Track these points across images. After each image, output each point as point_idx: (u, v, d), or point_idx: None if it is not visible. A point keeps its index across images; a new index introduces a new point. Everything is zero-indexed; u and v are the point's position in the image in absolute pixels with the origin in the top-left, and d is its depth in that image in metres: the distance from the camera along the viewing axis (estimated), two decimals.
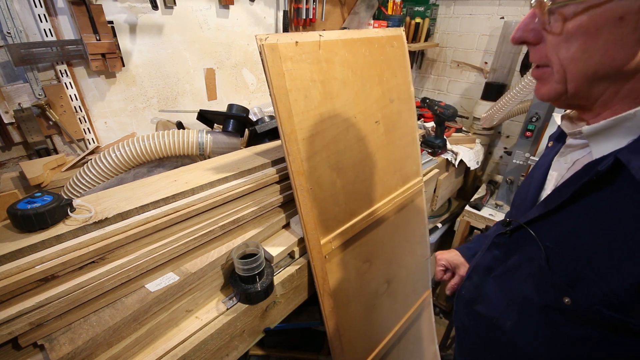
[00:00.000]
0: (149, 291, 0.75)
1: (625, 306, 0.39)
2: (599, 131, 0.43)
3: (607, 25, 0.37)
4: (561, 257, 0.45)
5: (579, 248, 0.43)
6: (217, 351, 0.82)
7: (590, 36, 0.38)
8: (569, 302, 0.43)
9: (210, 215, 0.85)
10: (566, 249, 0.44)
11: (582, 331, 0.44)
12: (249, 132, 1.33)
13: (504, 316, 0.54)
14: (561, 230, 0.46)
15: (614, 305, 0.40)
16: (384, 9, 2.04)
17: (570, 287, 0.43)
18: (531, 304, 0.49)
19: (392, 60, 1.14)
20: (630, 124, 0.40)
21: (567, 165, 0.52)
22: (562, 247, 0.45)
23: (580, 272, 0.42)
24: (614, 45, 0.37)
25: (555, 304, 0.45)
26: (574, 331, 0.45)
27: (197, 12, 1.41)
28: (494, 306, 0.56)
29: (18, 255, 0.62)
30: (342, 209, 1.00)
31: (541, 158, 0.61)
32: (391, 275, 1.27)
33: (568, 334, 0.46)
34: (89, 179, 1.00)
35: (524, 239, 0.52)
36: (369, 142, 1.07)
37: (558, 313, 0.46)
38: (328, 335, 1.03)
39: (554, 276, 0.45)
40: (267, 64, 0.79)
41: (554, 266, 0.45)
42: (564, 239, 0.45)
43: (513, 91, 1.66)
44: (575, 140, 0.50)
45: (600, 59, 0.38)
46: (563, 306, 0.44)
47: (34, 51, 1.04)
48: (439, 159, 1.76)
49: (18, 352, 0.63)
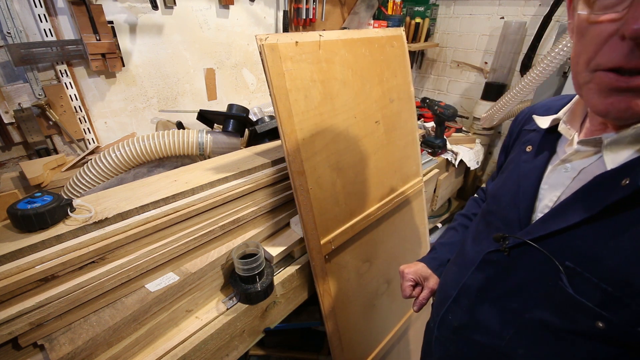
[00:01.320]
0: (149, 291, 0.75)
1: None
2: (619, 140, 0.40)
3: None
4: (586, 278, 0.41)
5: (608, 268, 0.39)
6: (217, 351, 0.82)
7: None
8: (603, 327, 0.40)
9: (210, 215, 0.85)
10: (591, 269, 0.40)
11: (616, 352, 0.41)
12: (249, 132, 1.33)
13: (512, 344, 0.49)
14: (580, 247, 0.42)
15: None
16: (384, 9, 2.05)
17: (603, 310, 0.39)
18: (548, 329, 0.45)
19: (392, 60, 1.14)
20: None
21: (571, 174, 0.47)
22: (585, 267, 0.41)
23: (611, 293, 0.39)
24: None
25: (583, 328, 0.41)
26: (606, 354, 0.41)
27: (197, 12, 1.41)
28: (496, 333, 0.51)
29: (18, 255, 0.62)
30: (342, 209, 1.00)
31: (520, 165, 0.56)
32: (391, 275, 1.27)
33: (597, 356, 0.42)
34: (89, 179, 1.00)
35: (528, 256, 0.47)
36: (369, 142, 1.07)
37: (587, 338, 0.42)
38: (328, 335, 1.03)
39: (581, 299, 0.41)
40: (267, 64, 0.79)
41: (579, 288, 0.41)
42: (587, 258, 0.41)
43: (513, 91, 1.66)
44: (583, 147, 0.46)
45: None
46: (596, 331, 0.40)
47: (34, 51, 1.04)
48: (439, 159, 1.76)
49: (18, 352, 0.63)
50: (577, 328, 0.42)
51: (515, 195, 0.53)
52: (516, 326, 0.48)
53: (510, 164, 0.61)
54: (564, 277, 0.42)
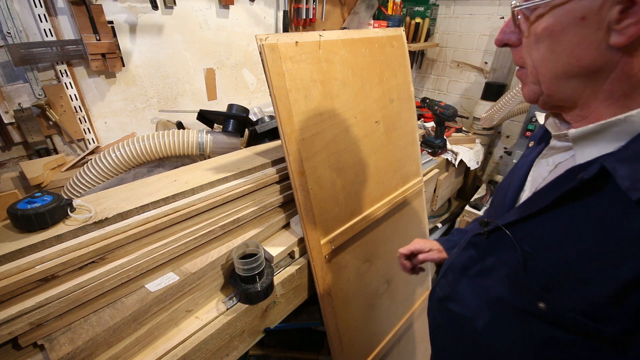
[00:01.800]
0: (149, 291, 0.75)
1: (599, 315, 0.39)
2: (586, 135, 0.42)
3: (571, 26, 0.38)
4: (538, 262, 0.44)
5: (556, 255, 0.43)
6: (217, 351, 0.82)
7: (556, 37, 0.39)
8: (543, 307, 0.44)
9: (210, 215, 0.85)
10: (544, 255, 0.44)
11: (555, 335, 0.44)
12: (249, 132, 1.33)
13: (477, 315, 0.54)
14: (540, 235, 0.45)
15: (588, 313, 0.40)
16: (384, 9, 2.05)
17: (546, 292, 0.43)
18: (505, 305, 0.49)
19: (392, 60, 1.14)
20: (618, 129, 0.39)
21: (549, 168, 0.51)
22: (540, 252, 0.45)
23: (555, 278, 0.42)
24: (578, 45, 0.38)
25: (529, 307, 0.45)
26: (546, 334, 0.45)
27: (197, 12, 1.41)
28: (468, 305, 0.56)
29: (18, 255, 0.62)
30: (342, 209, 1.00)
31: (521, 159, 0.60)
32: (391, 275, 1.27)
33: (541, 337, 0.46)
34: (89, 179, 1.00)
35: (502, 241, 0.51)
36: (369, 142, 1.07)
37: (532, 316, 0.46)
38: (328, 335, 1.03)
39: (529, 280, 0.45)
40: (267, 64, 0.79)
41: (531, 271, 0.45)
42: (542, 244, 0.45)
43: (513, 91, 1.66)
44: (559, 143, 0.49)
45: (567, 59, 0.39)
46: (537, 310, 0.44)
47: (34, 51, 1.04)
48: (439, 159, 1.76)
49: (18, 352, 0.63)
50: (524, 307, 0.46)
51: (507, 187, 0.58)
52: (482, 300, 0.54)
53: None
54: (521, 260, 0.46)
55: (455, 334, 0.60)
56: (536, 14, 0.40)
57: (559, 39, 0.39)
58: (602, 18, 0.35)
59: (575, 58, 0.39)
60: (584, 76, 0.39)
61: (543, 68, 0.42)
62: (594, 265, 0.39)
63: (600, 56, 0.37)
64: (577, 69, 0.39)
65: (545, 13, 0.39)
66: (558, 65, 0.40)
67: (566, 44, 0.39)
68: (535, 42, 0.41)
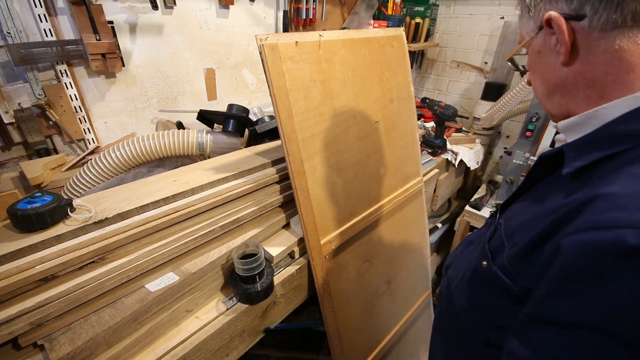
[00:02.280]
0: (149, 291, 0.75)
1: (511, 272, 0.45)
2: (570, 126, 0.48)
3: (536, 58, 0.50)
4: (499, 231, 0.52)
5: (510, 224, 0.51)
6: (217, 351, 0.82)
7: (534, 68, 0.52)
8: (485, 265, 0.51)
9: (210, 215, 0.85)
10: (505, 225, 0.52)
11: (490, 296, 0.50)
12: (249, 132, 1.33)
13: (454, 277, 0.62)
14: (512, 210, 0.55)
15: (505, 269, 0.46)
16: (384, 9, 2.04)
17: (492, 254, 0.50)
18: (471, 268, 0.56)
19: (392, 60, 1.14)
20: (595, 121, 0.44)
21: None
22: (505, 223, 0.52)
23: (502, 242, 0.49)
24: (545, 70, 0.49)
25: (478, 266, 0.53)
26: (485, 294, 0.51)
27: (197, 12, 1.41)
28: (457, 270, 0.63)
29: (18, 255, 0.62)
30: (342, 209, 1.00)
31: None
32: (391, 275, 1.27)
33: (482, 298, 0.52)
34: (89, 179, 1.00)
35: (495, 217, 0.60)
36: (369, 142, 1.07)
37: (478, 276, 0.53)
38: (328, 335, 1.03)
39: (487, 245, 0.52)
40: (267, 64, 0.79)
41: (493, 238, 0.53)
42: (509, 217, 0.53)
43: (513, 91, 1.66)
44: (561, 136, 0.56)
45: (542, 81, 0.51)
46: (482, 269, 0.51)
47: (34, 51, 1.04)
48: (439, 159, 1.76)
49: (18, 352, 0.63)
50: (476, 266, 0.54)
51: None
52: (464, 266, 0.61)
53: None
54: (492, 230, 0.54)
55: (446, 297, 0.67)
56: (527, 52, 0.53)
57: (535, 69, 0.51)
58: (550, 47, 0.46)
59: (546, 80, 0.49)
60: (559, 92, 0.48)
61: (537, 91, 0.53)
62: (524, 230, 0.46)
63: (561, 74, 0.46)
64: (552, 87, 0.49)
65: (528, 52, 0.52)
66: (541, 87, 0.51)
67: (539, 72, 0.50)
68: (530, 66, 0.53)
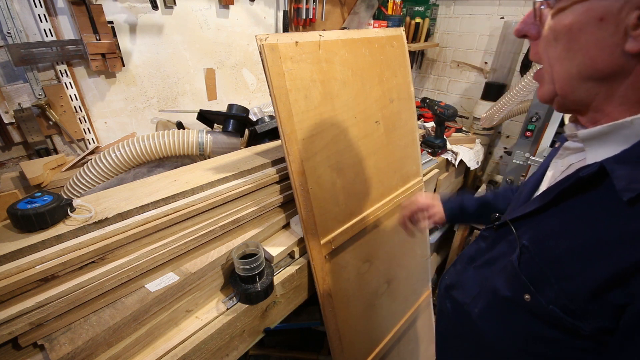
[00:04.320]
0: (149, 291, 0.75)
1: (577, 311, 0.40)
2: (595, 136, 0.42)
3: (589, 26, 0.37)
4: (532, 255, 0.46)
5: (548, 249, 0.44)
6: (217, 351, 0.82)
7: (573, 35, 0.38)
8: (528, 299, 0.45)
9: (210, 215, 0.85)
10: (537, 249, 0.46)
11: (538, 329, 0.45)
12: (249, 132, 1.32)
13: (473, 303, 0.56)
14: (539, 230, 0.47)
15: (567, 308, 0.41)
16: (384, 9, 2.04)
17: (532, 285, 0.45)
18: (497, 295, 0.51)
19: (392, 60, 1.14)
20: (627, 132, 0.39)
21: (562, 169, 0.52)
22: (535, 246, 0.46)
23: (544, 272, 0.44)
24: (594, 46, 0.37)
25: (516, 298, 0.47)
26: (530, 328, 0.46)
27: (197, 12, 1.41)
28: (468, 293, 0.58)
29: (18, 255, 0.62)
30: (342, 209, 1.00)
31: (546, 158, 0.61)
32: (391, 276, 1.27)
33: (525, 331, 0.47)
34: (89, 179, 1.00)
35: (507, 235, 0.54)
36: (369, 142, 1.07)
37: (518, 308, 0.47)
38: (328, 335, 1.03)
39: (521, 273, 0.47)
40: (267, 64, 0.79)
41: (523, 263, 0.47)
42: (539, 239, 0.46)
43: (513, 91, 1.66)
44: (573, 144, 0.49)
45: (582, 59, 0.39)
46: (523, 302, 0.46)
47: (34, 51, 1.04)
48: (439, 159, 1.76)
49: (18, 352, 0.63)
50: (512, 297, 0.48)
51: (525, 185, 0.61)
52: (480, 289, 0.56)
53: None
54: (517, 253, 0.48)
55: (455, 321, 0.63)
56: (558, 7, 0.40)
57: (577, 37, 0.38)
58: (620, 22, 0.35)
59: (590, 59, 0.38)
60: (599, 79, 0.39)
61: (558, 66, 0.41)
62: (579, 261, 0.40)
63: (615, 61, 0.36)
64: (592, 70, 0.39)
65: (566, 7, 0.39)
66: (573, 64, 0.40)
67: (583, 44, 0.38)
68: (554, 39, 0.41)
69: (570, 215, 0.43)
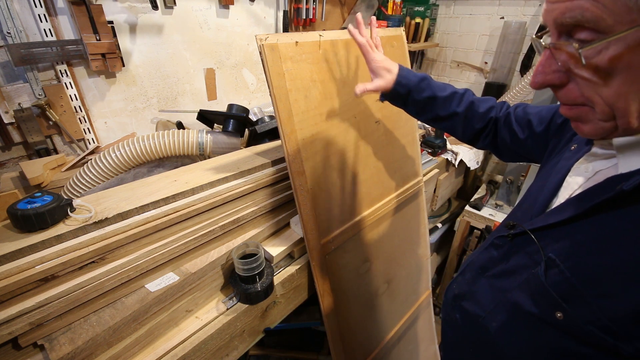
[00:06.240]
0: (149, 291, 0.75)
1: (619, 332, 0.38)
2: (632, 144, 0.40)
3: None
4: (561, 270, 0.43)
5: (582, 265, 0.41)
6: (217, 351, 0.82)
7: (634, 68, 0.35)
8: (561, 317, 0.42)
9: (210, 215, 0.85)
10: (568, 264, 0.43)
11: (568, 346, 0.43)
12: (249, 132, 1.32)
13: (490, 317, 0.53)
14: (567, 243, 0.44)
15: (608, 329, 0.39)
16: (384, 9, 2.04)
17: (565, 302, 0.42)
18: (520, 310, 0.48)
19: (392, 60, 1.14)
20: None
21: (588, 175, 0.48)
22: (564, 261, 0.43)
23: (577, 289, 0.41)
24: None
25: (546, 316, 0.44)
26: (559, 345, 0.44)
27: (197, 12, 1.41)
28: (482, 305, 0.55)
29: (18, 255, 0.62)
30: (342, 209, 1.00)
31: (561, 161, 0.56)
32: (391, 275, 1.27)
33: (553, 347, 0.45)
34: (89, 179, 1.00)
35: (526, 245, 0.50)
36: (369, 142, 1.07)
37: (547, 325, 0.45)
38: (328, 335, 1.03)
39: (549, 288, 0.44)
40: (267, 64, 0.79)
41: (551, 278, 0.44)
42: (568, 253, 0.43)
43: (513, 91, 1.66)
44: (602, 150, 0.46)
45: None
46: (554, 320, 0.43)
47: (34, 51, 1.04)
48: (439, 159, 1.76)
49: (18, 352, 0.63)
50: (541, 314, 0.45)
51: (540, 189, 0.56)
52: (497, 302, 0.52)
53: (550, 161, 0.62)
54: (543, 266, 0.45)
55: (466, 332, 0.60)
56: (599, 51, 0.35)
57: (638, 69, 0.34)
58: None
59: None
60: None
61: (622, 103, 0.37)
62: (620, 280, 0.38)
63: None
64: None
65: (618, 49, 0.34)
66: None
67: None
68: (604, 79, 0.37)
69: (607, 230, 0.40)
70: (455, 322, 0.62)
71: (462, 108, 0.79)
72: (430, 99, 0.79)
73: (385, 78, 0.80)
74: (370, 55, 0.80)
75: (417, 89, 0.80)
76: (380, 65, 0.80)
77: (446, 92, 0.79)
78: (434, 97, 0.79)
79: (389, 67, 0.80)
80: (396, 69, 0.80)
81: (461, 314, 0.60)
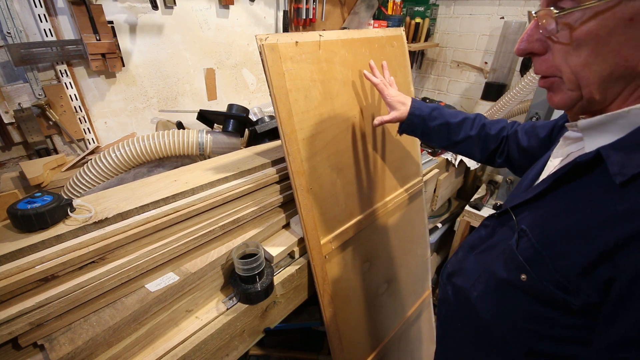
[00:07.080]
0: (149, 291, 0.75)
1: (569, 287, 0.42)
2: (594, 126, 0.44)
3: (618, 27, 0.37)
4: (529, 238, 0.48)
5: (544, 231, 0.47)
6: (217, 351, 0.82)
7: (601, 40, 0.39)
8: (524, 279, 0.47)
9: (210, 215, 0.85)
10: (534, 232, 0.48)
11: (533, 308, 0.48)
12: (249, 132, 1.32)
13: (473, 287, 0.58)
14: (536, 215, 0.50)
15: (559, 284, 0.43)
16: (384, 9, 2.04)
17: (528, 264, 0.47)
18: (494, 278, 0.53)
19: (392, 60, 1.14)
20: (624, 121, 0.41)
21: (562, 157, 0.54)
22: (532, 229, 0.48)
23: (539, 252, 0.46)
24: (626, 46, 0.38)
25: (513, 279, 0.49)
26: (526, 306, 0.49)
27: (197, 12, 1.41)
28: (468, 278, 0.60)
29: (18, 255, 0.62)
30: (342, 209, 1.00)
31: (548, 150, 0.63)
32: (391, 275, 1.27)
33: (521, 309, 0.49)
34: (89, 179, 1.00)
35: (507, 221, 0.56)
36: (369, 142, 1.07)
37: (514, 288, 0.50)
38: (328, 335, 1.03)
39: (517, 254, 0.49)
40: (267, 64, 0.79)
41: (521, 246, 0.49)
42: (537, 223, 0.48)
43: (513, 91, 1.66)
44: (573, 134, 0.52)
45: (614, 60, 0.39)
46: (520, 282, 0.48)
47: (34, 51, 1.04)
48: (439, 159, 1.76)
49: (18, 352, 0.63)
50: (508, 278, 0.50)
51: (528, 174, 0.62)
52: (480, 274, 0.58)
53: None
54: (515, 237, 0.50)
55: (456, 307, 0.64)
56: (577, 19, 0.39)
57: (605, 41, 0.38)
58: None
59: (622, 59, 0.39)
60: (628, 76, 0.40)
61: (586, 72, 0.41)
62: (573, 240, 0.42)
63: None
64: (624, 69, 0.39)
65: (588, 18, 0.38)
66: (605, 67, 0.40)
67: (613, 46, 0.38)
68: (576, 48, 0.41)
69: (567, 199, 0.46)
70: (447, 298, 0.67)
71: (474, 131, 0.87)
72: (443, 125, 0.88)
73: (400, 110, 0.90)
74: (386, 92, 0.92)
75: (430, 117, 0.88)
76: (395, 99, 0.91)
77: (458, 118, 0.88)
78: (447, 123, 0.88)
79: (403, 101, 0.91)
80: (409, 102, 0.91)
81: (452, 289, 0.65)
